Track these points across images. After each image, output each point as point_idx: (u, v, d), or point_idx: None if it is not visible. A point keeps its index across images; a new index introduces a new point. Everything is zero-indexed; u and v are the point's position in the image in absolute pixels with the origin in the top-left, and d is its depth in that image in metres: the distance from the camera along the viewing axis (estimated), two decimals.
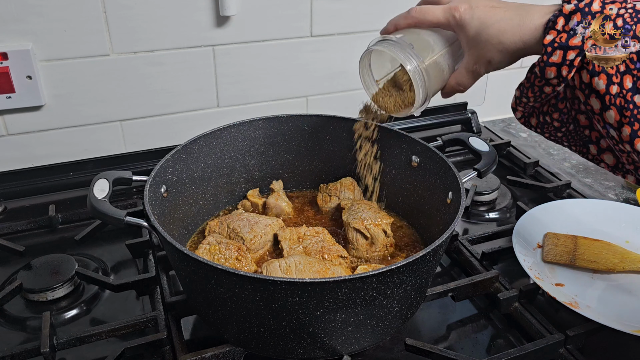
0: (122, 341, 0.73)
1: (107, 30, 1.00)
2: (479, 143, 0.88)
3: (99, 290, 0.85)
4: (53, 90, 1.02)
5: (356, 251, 0.84)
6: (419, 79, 0.68)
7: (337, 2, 1.13)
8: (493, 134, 1.33)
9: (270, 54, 1.14)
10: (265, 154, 0.96)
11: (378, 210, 0.88)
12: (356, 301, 0.62)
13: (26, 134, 1.05)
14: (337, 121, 0.95)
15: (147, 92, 1.08)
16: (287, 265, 0.74)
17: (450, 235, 0.67)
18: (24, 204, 1.04)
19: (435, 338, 0.78)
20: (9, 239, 0.93)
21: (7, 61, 0.95)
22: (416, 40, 0.69)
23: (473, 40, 0.64)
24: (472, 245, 0.91)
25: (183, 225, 0.86)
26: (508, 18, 0.61)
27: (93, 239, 0.94)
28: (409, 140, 0.90)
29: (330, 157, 0.98)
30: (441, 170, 0.83)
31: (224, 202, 0.95)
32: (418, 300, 0.73)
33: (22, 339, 0.76)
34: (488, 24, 0.62)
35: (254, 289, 0.60)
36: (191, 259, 0.62)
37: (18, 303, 0.82)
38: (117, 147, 1.12)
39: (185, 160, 0.86)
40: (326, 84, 1.21)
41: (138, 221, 0.70)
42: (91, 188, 0.74)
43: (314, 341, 0.66)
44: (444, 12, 0.66)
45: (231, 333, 0.70)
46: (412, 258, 0.62)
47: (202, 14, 1.05)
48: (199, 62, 1.09)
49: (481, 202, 1.06)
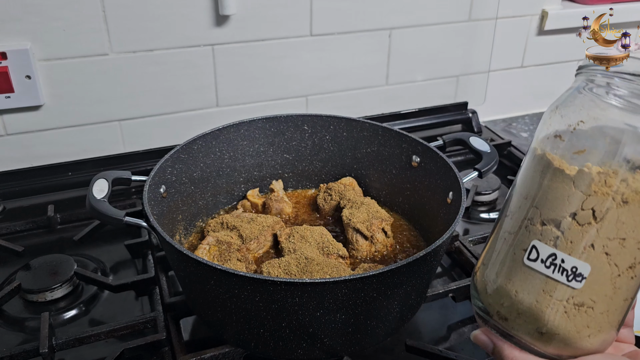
0: (121, 342, 0.73)
1: (107, 29, 1.00)
2: (480, 143, 0.87)
3: (98, 291, 0.84)
4: (52, 89, 1.02)
5: (356, 251, 0.84)
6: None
7: (337, 2, 1.12)
8: (494, 133, 1.33)
9: (270, 54, 1.13)
10: (265, 154, 0.96)
11: (378, 210, 0.87)
12: (356, 302, 0.62)
13: (25, 133, 1.04)
14: (337, 121, 0.95)
15: (146, 92, 1.08)
16: (287, 265, 0.73)
17: (450, 236, 0.67)
18: (22, 204, 1.03)
19: (436, 339, 0.78)
20: (8, 239, 0.93)
21: (6, 61, 0.95)
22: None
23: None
24: (472, 246, 0.91)
25: (182, 226, 0.86)
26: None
27: (92, 239, 0.94)
28: (409, 140, 0.89)
29: (330, 157, 0.98)
30: (442, 170, 0.83)
31: (223, 202, 0.95)
32: (418, 301, 0.73)
33: (20, 339, 0.76)
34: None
35: (254, 289, 0.60)
36: (190, 260, 0.62)
37: (17, 303, 0.81)
38: (116, 147, 1.11)
39: (185, 160, 0.86)
40: (326, 84, 1.21)
41: (137, 221, 0.70)
42: (90, 188, 0.74)
43: (314, 342, 0.65)
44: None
45: (231, 334, 0.69)
46: (413, 258, 0.62)
47: (201, 13, 1.04)
48: (199, 61, 1.09)
49: (482, 202, 1.06)
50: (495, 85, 1.38)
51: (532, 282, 0.44)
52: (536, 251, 0.44)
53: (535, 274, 0.44)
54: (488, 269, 0.48)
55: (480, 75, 1.35)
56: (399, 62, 1.25)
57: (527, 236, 0.45)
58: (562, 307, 0.43)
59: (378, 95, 1.27)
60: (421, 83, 1.30)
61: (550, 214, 0.44)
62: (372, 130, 0.93)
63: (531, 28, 1.35)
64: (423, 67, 1.28)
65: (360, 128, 0.94)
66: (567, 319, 0.44)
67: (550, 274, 0.43)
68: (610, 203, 0.42)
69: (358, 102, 1.26)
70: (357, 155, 0.96)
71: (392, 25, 1.19)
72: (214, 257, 0.77)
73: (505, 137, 1.30)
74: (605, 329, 0.45)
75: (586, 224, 0.43)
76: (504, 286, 0.46)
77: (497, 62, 1.35)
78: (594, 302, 0.43)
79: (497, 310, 0.47)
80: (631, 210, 0.42)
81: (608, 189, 0.42)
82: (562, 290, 0.43)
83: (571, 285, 0.43)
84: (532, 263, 0.44)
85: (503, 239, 0.47)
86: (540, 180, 0.45)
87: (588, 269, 0.43)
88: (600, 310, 0.44)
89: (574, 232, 0.43)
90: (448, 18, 1.24)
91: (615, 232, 0.42)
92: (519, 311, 0.45)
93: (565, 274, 0.43)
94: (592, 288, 0.43)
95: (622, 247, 0.43)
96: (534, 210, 0.45)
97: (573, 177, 0.43)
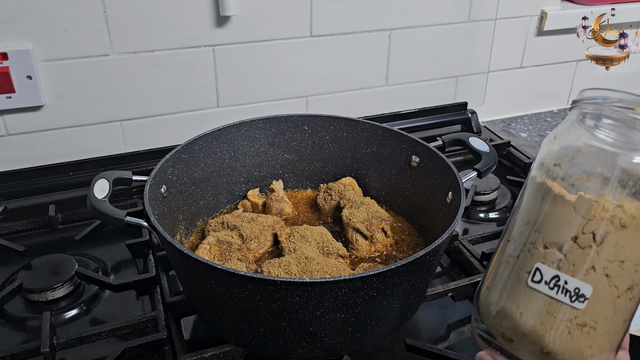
0: (122, 341, 0.73)
1: (107, 30, 1.00)
2: (479, 143, 0.87)
3: (99, 290, 0.85)
4: (53, 90, 1.02)
5: (356, 251, 0.84)
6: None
7: (337, 2, 1.13)
8: (493, 134, 1.33)
9: (270, 54, 1.14)
10: (265, 154, 0.96)
11: (378, 210, 0.88)
12: (356, 301, 0.62)
13: (26, 134, 1.04)
14: (337, 121, 0.95)
15: (147, 92, 1.08)
16: (287, 265, 0.74)
17: (450, 235, 0.67)
18: (24, 204, 1.04)
19: (435, 338, 0.78)
20: (9, 239, 0.93)
21: (7, 61, 0.95)
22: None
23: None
24: (472, 246, 0.91)
25: (183, 225, 0.86)
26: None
27: (93, 239, 0.94)
28: (409, 140, 0.90)
29: (330, 157, 0.98)
30: (441, 170, 0.83)
31: (224, 202, 0.95)
32: (418, 300, 0.73)
33: (22, 339, 0.76)
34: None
35: (254, 289, 0.60)
36: (191, 259, 0.62)
37: (18, 303, 0.81)
38: (117, 147, 1.12)
39: (185, 160, 0.86)
40: (326, 84, 1.21)
41: (138, 221, 0.70)
42: (91, 188, 0.74)
43: (314, 341, 0.66)
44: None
45: (231, 333, 0.70)
46: (412, 258, 0.62)
47: (202, 14, 1.05)
48: (199, 62, 1.09)
49: (481, 202, 1.06)
50: (495, 86, 1.39)
51: (536, 303, 0.45)
52: (540, 273, 0.45)
53: (539, 295, 0.45)
54: (491, 292, 0.49)
55: (479, 76, 1.35)
56: (399, 63, 1.25)
57: (530, 259, 0.46)
58: (566, 328, 0.44)
59: (378, 95, 1.27)
60: (421, 83, 1.30)
61: (552, 238, 0.45)
62: (371, 130, 0.94)
63: (530, 29, 1.35)
64: (423, 67, 1.28)
65: (360, 128, 0.95)
66: (571, 339, 0.45)
67: (554, 295, 0.44)
68: (609, 227, 0.44)
69: (358, 103, 1.26)
70: (357, 155, 0.97)
71: (392, 26, 1.20)
72: (214, 256, 0.78)
73: (504, 137, 1.30)
74: (606, 349, 0.46)
75: (587, 246, 0.44)
76: (508, 308, 0.47)
77: (496, 63, 1.36)
78: (596, 322, 0.44)
79: (502, 332, 0.47)
80: (629, 234, 0.44)
81: (606, 213, 0.44)
82: (565, 311, 0.44)
83: (574, 305, 0.44)
84: (536, 285, 0.45)
85: (506, 263, 0.49)
86: (541, 206, 0.47)
87: (590, 290, 0.44)
88: (602, 331, 0.45)
89: (576, 254, 0.44)
90: (447, 19, 1.24)
91: (614, 255, 0.44)
92: (524, 332, 0.46)
93: (568, 294, 0.44)
94: (594, 309, 0.44)
95: (621, 269, 0.44)
96: (536, 234, 0.47)
97: (573, 203, 0.45)
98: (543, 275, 0.45)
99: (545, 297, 0.45)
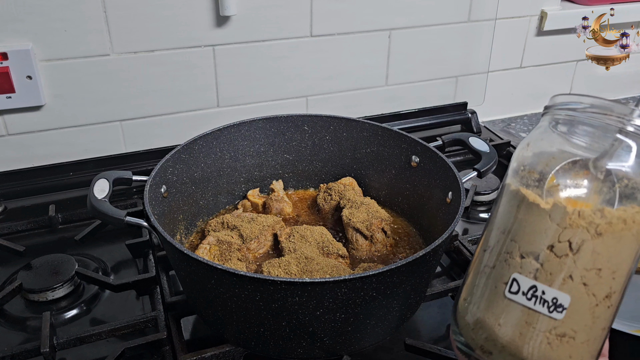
0: (122, 341, 0.73)
1: (107, 30, 1.00)
2: (479, 143, 0.88)
3: (99, 290, 0.85)
4: (53, 90, 1.02)
5: (356, 251, 0.84)
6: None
7: (337, 2, 1.13)
8: (493, 134, 1.33)
9: (270, 54, 1.14)
10: (265, 154, 0.96)
11: (378, 210, 0.88)
12: (356, 301, 0.62)
13: (26, 134, 1.04)
14: (337, 121, 0.95)
15: (147, 92, 1.08)
16: (287, 265, 0.74)
17: (450, 235, 0.67)
18: (24, 204, 1.04)
19: (435, 338, 0.78)
20: (9, 239, 0.93)
21: (7, 61, 0.95)
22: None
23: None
24: (472, 246, 0.91)
25: (183, 225, 0.86)
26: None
27: (93, 239, 0.94)
28: (409, 140, 0.90)
29: (330, 157, 0.98)
30: (441, 170, 0.83)
31: (224, 202, 0.95)
32: (418, 300, 0.74)
33: (22, 339, 0.76)
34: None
35: (254, 289, 0.60)
36: (191, 259, 0.62)
37: (18, 303, 0.82)
38: (117, 147, 1.12)
39: (186, 160, 0.86)
40: (326, 84, 1.21)
41: (138, 221, 0.70)
42: (91, 188, 0.74)
43: (314, 341, 0.66)
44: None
45: (231, 333, 0.70)
46: (412, 258, 0.62)
47: (202, 14, 1.05)
48: (199, 62, 1.09)
49: (481, 202, 1.06)
50: (495, 86, 1.39)
51: (514, 314, 0.45)
52: (517, 284, 0.45)
53: (517, 306, 0.44)
54: (469, 303, 0.49)
55: (479, 76, 1.35)
56: (399, 63, 1.25)
57: (507, 269, 0.46)
58: (545, 339, 0.44)
59: (378, 95, 1.27)
60: (421, 83, 1.30)
61: (528, 247, 0.45)
62: (371, 130, 0.94)
63: (530, 29, 1.35)
64: (422, 67, 1.28)
65: (360, 128, 0.95)
66: (550, 350, 0.44)
67: (532, 305, 0.44)
68: (585, 235, 0.43)
69: (358, 103, 1.26)
70: (356, 155, 0.97)
71: (392, 26, 1.20)
72: (214, 256, 0.78)
73: (504, 137, 1.30)
74: (586, 358, 0.45)
75: (563, 255, 0.43)
76: (486, 320, 0.46)
77: (496, 63, 1.36)
78: (575, 332, 0.44)
79: (480, 344, 0.47)
80: (605, 241, 0.43)
81: (582, 221, 0.43)
82: (544, 321, 0.44)
83: (552, 316, 0.43)
84: (513, 296, 0.45)
85: (483, 273, 0.48)
86: (516, 214, 0.46)
87: (568, 300, 0.43)
88: (581, 340, 0.44)
89: (553, 264, 0.44)
90: (447, 19, 1.24)
91: (591, 263, 0.43)
92: (503, 344, 0.45)
93: (546, 305, 0.43)
94: (573, 318, 0.44)
95: (599, 277, 0.43)
96: (512, 243, 0.46)
97: (549, 210, 0.44)
98: (520, 286, 0.44)
99: (523, 308, 0.44)
